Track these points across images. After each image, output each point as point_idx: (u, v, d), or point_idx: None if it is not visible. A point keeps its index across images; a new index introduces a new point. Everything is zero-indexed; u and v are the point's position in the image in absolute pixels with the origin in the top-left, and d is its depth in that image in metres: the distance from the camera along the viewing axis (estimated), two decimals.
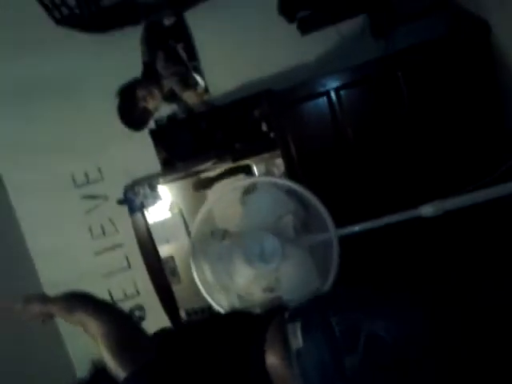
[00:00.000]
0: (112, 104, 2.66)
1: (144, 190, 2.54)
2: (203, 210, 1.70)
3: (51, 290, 1.25)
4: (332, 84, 2.10)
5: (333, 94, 2.11)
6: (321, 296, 1.45)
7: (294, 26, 2.29)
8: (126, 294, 2.83)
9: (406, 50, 2.13)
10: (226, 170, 2.43)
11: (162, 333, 1.20)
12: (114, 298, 2.82)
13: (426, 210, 1.63)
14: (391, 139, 2.07)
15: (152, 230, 2.53)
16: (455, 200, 1.64)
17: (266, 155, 2.48)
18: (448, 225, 1.92)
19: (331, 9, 2.21)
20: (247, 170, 2.40)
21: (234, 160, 2.49)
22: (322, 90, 2.12)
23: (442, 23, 2.32)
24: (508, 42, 1.82)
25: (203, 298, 1.80)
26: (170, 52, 2.65)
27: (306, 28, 2.30)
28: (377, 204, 2.04)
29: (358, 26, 2.41)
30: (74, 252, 2.84)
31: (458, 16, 2.21)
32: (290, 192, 1.74)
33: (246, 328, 1.17)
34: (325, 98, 2.13)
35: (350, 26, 2.41)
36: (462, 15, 2.15)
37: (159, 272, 2.52)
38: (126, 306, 2.79)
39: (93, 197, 2.83)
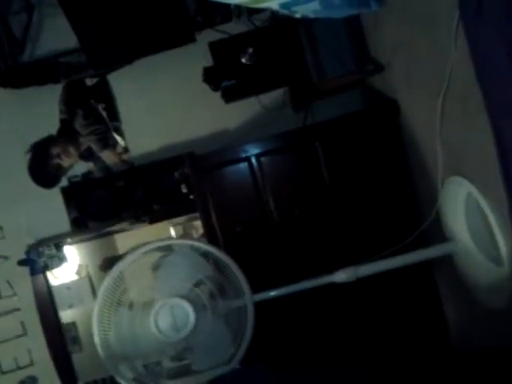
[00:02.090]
0: (22, 159, 2.55)
1: (49, 250, 2.37)
2: (112, 272, 1.59)
3: None
4: (253, 150, 2.14)
5: (254, 160, 2.15)
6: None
7: (218, 94, 2.34)
8: (18, 364, 2.54)
9: (323, 123, 2.24)
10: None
11: None
12: (4, 369, 2.51)
13: (339, 277, 1.65)
14: (310, 207, 2.12)
15: (54, 294, 2.34)
16: (367, 267, 1.67)
17: (184, 217, 2.44)
18: (360, 292, 1.97)
19: (254, 80, 2.29)
20: None
21: (152, 221, 2.42)
22: (243, 155, 2.15)
23: (357, 99, 2.50)
24: (414, 121, 1.98)
25: (105, 369, 1.65)
26: (90, 111, 2.61)
27: (229, 97, 2.36)
28: (295, 270, 2.06)
29: (280, 98, 2.52)
30: None
31: (370, 94, 2.39)
32: (207, 256, 1.69)
33: None
34: (246, 164, 2.15)
35: (272, 98, 2.51)
36: (374, 93, 2.32)
37: (58, 339, 2.32)
38: (17, 377, 2.52)
39: None
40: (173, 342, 1.59)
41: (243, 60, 2.19)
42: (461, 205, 1.67)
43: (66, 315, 2.39)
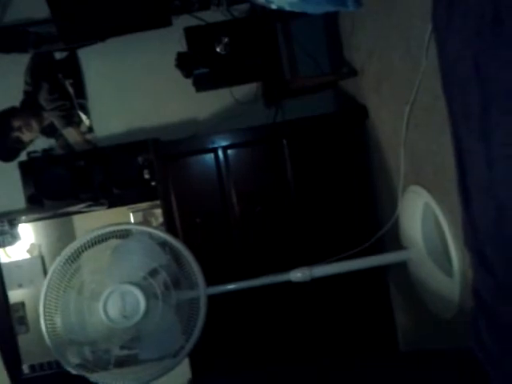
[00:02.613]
0: None
1: (2, 226, 2.29)
2: (64, 253, 1.55)
3: None
4: (220, 142, 2.12)
5: (220, 152, 2.13)
6: None
7: (189, 81, 2.31)
8: None
9: (292, 122, 2.24)
10: None
11: None
12: None
13: (295, 275, 1.66)
14: (272, 204, 2.12)
15: (4, 271, 2.26)
16: (322, 268, 1.69)
17: (145, 204, 2.40)
18: (315, 291, 1.99)
19: (227, 72, 2.27)
20: None
21: (111, 205, 2.37)
22: (210, 146, 2.13)
23: (328, 101, 2.51)
24: (381, 128, 2.00)
25: (51, 352, 1.61)
26: (57, 86, 2.53)
27: (201, 85, 2.33)
28: (253, 267, 2.06)
29: (252, 92, 2.50)
30: None
31: (341, 97, 2.41)
32: (164, 245, 1.66)
33: None
34: (212, 155, 2.13)
35: (244, 91, 2.50)
36: (345, 97, 2.34)
37: (5, 319, 2.24)
38: None
39: None
40: (121, 330, 1.56)
41: (218, 49, 2.16)
42: (418, 214, 1.70)
43: (14, 295, 2.31)
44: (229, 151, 2.13)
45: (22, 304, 2.29)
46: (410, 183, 1.73)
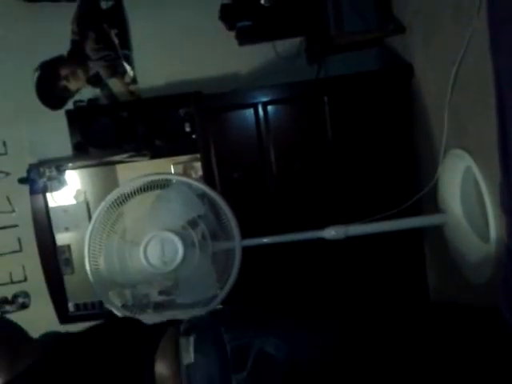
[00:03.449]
0: (29, 76, 2.53)
1: (50, 171, 2.40)
2: (108, 198, 1.62)
3: None
4: (261, 98, 2.12)
5: (260, 108, 2.12)
6: (217, 312, 1.45)
7: (232, 34, 2.29)
8: (11, 279, 2.62)
9: (335, 78, 2.21)
10: None
11: (48, 336, 1.13)
12: None
13: (329, 233, 1.68)
14: (312, 161, 2.12)
15: (52, 215, 2.38)
16: (357, 227, 1.70)
17: (185, 157, 2.44)
18: (350, 250, 2.01)
19: (271, 25, 2.23)
20: None
21: (153, 156, 2.43)
22: (250, 101, 2.13)
23: (373, 58, 2.44)
24: (426, 88, 1.95)
25: (95, 293, 1.72)
26: (102, 36, 2.56)
27: (243, 39, 2.31)
28: (289, 223, 2.09)
29: (295, 47, 2.47)
30: None
31: (387, 54, 2.34)
32: (203, 197, 1.71)
33: (139, 335, 1.14)
34: (251, 111, 2.13)
35: (286, 46, 2.46)
36: (391, 54, 2.27)
37: (52, 260, 2.38)
38: (10, 290, 2.62)
39: None
40: (160, 275, 1.64)
41: (262, 1, 2.12)
42: (458, 178, 1.68)
43: (61, 237, 2.43)
44: (269, 107, 2.12)
45: (68, 247, 2.42)
46: (452, 146, 1.70)
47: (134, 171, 2.41)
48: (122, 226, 1.65)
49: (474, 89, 1.50)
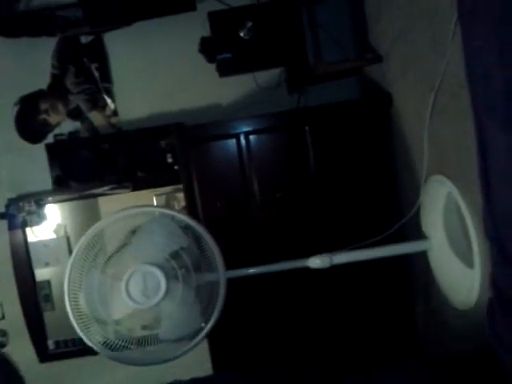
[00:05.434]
0: (9, 110, 2.52)
1: (29, 206, 2.36)
2: (89, 232, 1.59)
3: None
4: (242, 128, 2.13)
5: (242, 138, 2.13)
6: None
7: (213, 66, 2.31)
8: None
9: (315, 108, 2.23)
10: None
11: None
12: None
13: (314, 262, 1.67)
14: (293, 191, 2.12)
15: (31, 250, 2.33)
16: (342, 255, 1.69)
17: (168, 188, 2.43)
18: (336, 278, 2.00)
19: (251, 57, 2.26)
20: None
21: (135, 188, 2.41)
22: (232, 132, 2.14)
23: (353, 87, 2.48)
24: (405, 115, 1.98)
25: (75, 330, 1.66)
26: (83, 69, 2.57)
27: (224, 71, 2.33)
28: (273, 253, 2.07)
29: (275, 78, 2.50)
30: None
31: (366, 83, 2.38)
32: (186, 228, 1.69)
33: None
34: (234, 141, 2.14)
35: (267, 76, 2.49)
36: (370, 83, 2.31)
37: (32, 296, 2.32)
38: None
39: None
40: (143, 310, 1.60)
41: (241, 34, 2.15)
42: (440, 203, 1.69)
43: (41, 273, 2.38)
44: (251, 137, 2.13)
45: (48, 282, 2.36)
46: (433, 172, 1.71)
47: (116, 203, 2.39)
48: (103, 259, 1.61)
49: (452, 115, 1.52)
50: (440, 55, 1.49)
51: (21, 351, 2.41)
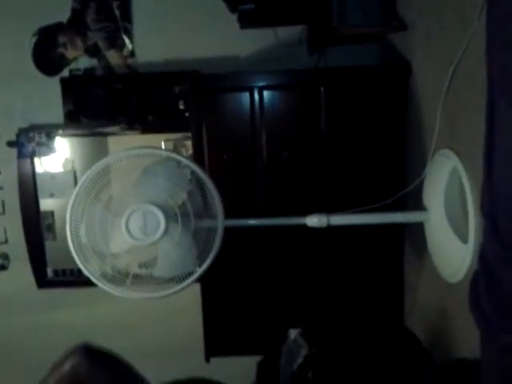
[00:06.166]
0: (27, 40, 2.51)
1: (40, 137, 2.38)
2: (95, 167, 1.61)
3: None
4: (257, 82, 2.11)
5: (256, 92, 2.12)
6: None
7: (234, 17, 2.28)
8: None
9: (333, 70, 2.21)
10: None
11: None
12: None
13: (311, 220, 1.69)
14: (302, 149, 2.12)
15: (38, 180, 2.38)
16: (339, 217, 1.71)
17: (177, 134, 2.44)
18: (331, 239, 2.03)
19: (274, 11, 2.22)
20: None
21: (144, 131, 2.42)
22: (246, 85, 2.12)
23: (374, 53, 2.45)
24: (423, 86, 1.96)
25: (74, 260, 1.71)
26: (104, 6, 2.54)
27: (245, 22, 2.30)
28: (273, 209, 2.11)
29: (296, 35, 2.46)
30: None
31: (388, 51, 2.34)
32: (191, 175, 1.71)
33: None
34: (247, 94, 2.13)
35: (288, 33, 2.45)
36: (391, 51, 2.28)
37: (35, 224, 2.38)
38: None
39: None
40: (141, 248, 1.64)
41: None
42: (444, 178, 1.69)
43: (45, 203, 2.43)
44: (265, 92, 2.12)
45: (52, 213, 2.41)
46: (442, 147, 1.71)
47: (125, 144, 2.40)
48: (107, 194, 1.64)
49: (467, 91, 1.51)
50: (464, 29, 1.47)
51: (20, 275, 2.49)
